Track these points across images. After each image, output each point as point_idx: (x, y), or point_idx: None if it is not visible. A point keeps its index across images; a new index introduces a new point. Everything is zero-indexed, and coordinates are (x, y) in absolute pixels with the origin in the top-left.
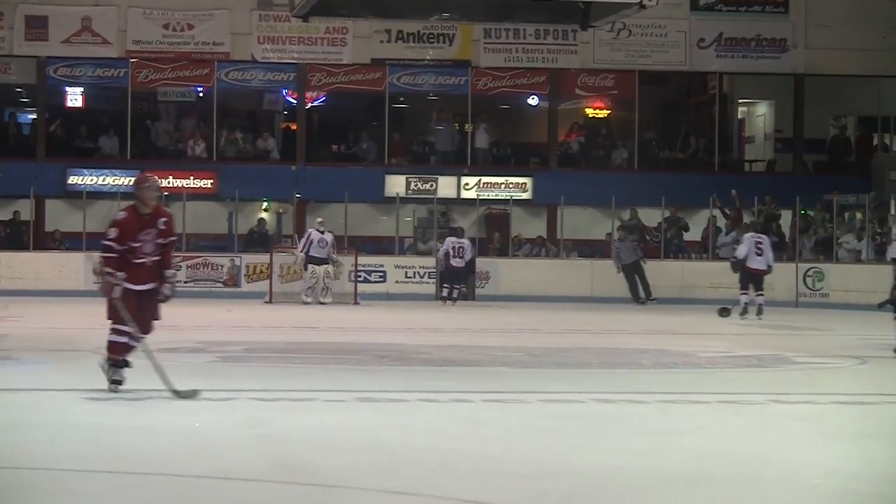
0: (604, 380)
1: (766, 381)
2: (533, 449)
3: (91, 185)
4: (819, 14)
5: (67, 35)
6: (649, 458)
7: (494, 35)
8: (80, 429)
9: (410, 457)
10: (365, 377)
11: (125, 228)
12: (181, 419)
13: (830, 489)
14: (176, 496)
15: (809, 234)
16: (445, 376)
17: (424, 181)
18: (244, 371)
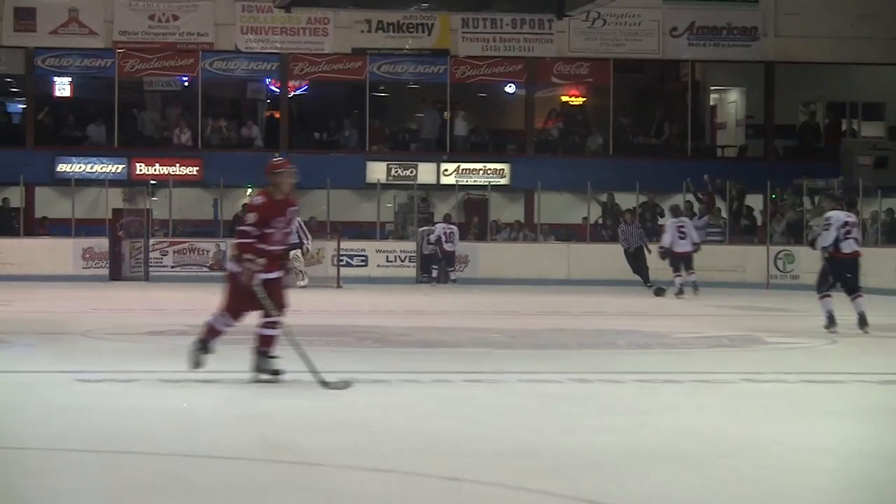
0: (580, 360)
1: (737, 360)
2: (511, 427)
3: (79, 173)
4: (788, 3)
5: (55, 26)
6: (625, 436)
7: (472, 25)
8: (70, 410)
9: (391, 436)
10: (347, 358)
11: (263, 214)
12: (168, 401)
13: (799, 464)
14: (163, 474)
15: (779, 217)
16: (426, 357)
17: (405, 168)
18: (230, 353)
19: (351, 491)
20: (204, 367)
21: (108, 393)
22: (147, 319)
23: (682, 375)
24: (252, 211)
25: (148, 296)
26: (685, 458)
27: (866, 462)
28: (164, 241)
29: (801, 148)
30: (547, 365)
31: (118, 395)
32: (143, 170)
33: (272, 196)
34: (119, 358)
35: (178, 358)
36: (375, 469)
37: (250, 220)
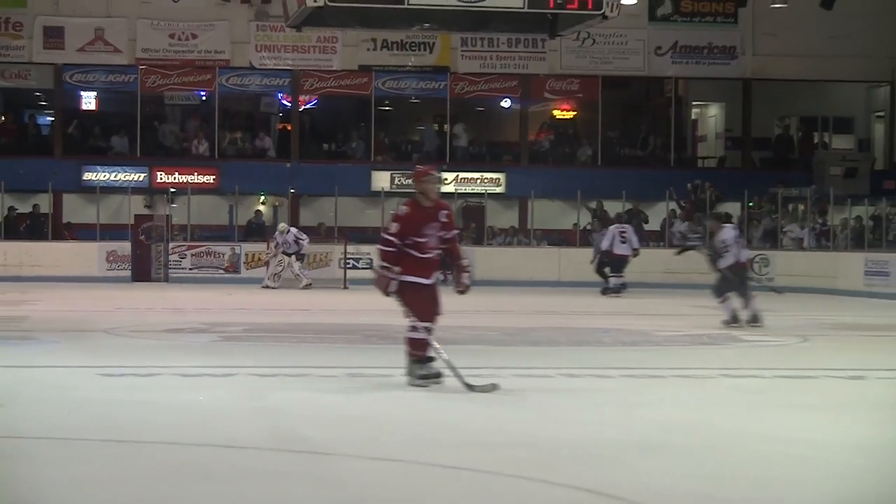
0: (571, 356)
1: (716, 357)
2: (507, 420)
3: (104, 181)
4: (765, 24)
5: (82, 44)
6: (614, 428)
7: (471, 43)
8: (93, 403)
9: (394, 427)
10: (354, 355)
11: (406, 223)
12: (186, 394)
13: (774, 454)
14: (180, 463)
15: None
16: None
17: (407, 177)
18: (243, 349)
19: (356, 479)
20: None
21: (129, 387)
22: (166, 318)
23: (666, 371)
24: (395, 221)
25: (167, 296)
26: (673, 450)
27: (840, 452)
28: (182, 245)
29: (776, 159)
30: (540, 361)
31: (138, 388)
32: (164, 178)
33: (420, 204)
34: (139, 354)
35: (195, 354)
36: (379, 458)
37: (392, 230)
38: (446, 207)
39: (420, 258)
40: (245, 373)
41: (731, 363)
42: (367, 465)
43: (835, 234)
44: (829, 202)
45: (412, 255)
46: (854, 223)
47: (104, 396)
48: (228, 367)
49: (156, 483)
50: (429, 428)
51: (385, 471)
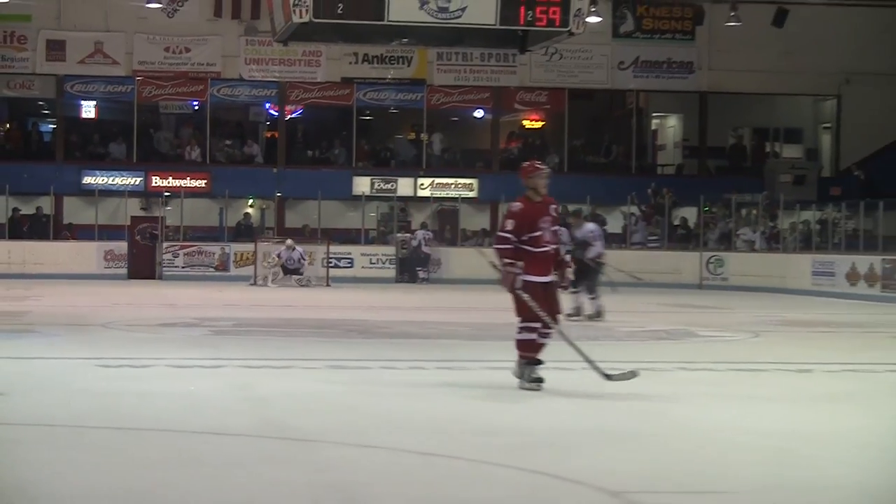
0: None
1: (674, 351)
2: (477, 409)
3: (102, 185)
4: (721, 40)
5: (82, 56)
6: (577, 417)
7: (446, 58)
8: (92, 392)
9: (373, 416)
10: (335, 348)
11: (521, 219)
12: (178, 384)
13: (725, 441)
14: (172, 449)
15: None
16: (403, 347)
17: (386, 182)
18: (233, 343)
19: (338, 464)
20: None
21: (126, 377)
22: (160, 313)
23: (626, 364)
24: (510, 217)
25: (161, 292)
26: (631, 437)
27: (789, 440)
28: (175, 245)
29: (730, 167)
30: (508, 355)
31: (134, 379)
32: (158, 182)
33: (531, 199)
34: (135, 347)
35: (187, 347)
36: (359, 445)
37: (508, 227)
38: (554, 202)
39: (536, 253)
40: (234, 365)
41: (687, 357)
42: (348, 451)
43: (784, 237)
44: (779, 207)
45: (528, 252)
46: (802, 227)
47: (102, 386)
48: (218, 359)
49: (150, 468)
50: (406, 417)
51: (365, 457)
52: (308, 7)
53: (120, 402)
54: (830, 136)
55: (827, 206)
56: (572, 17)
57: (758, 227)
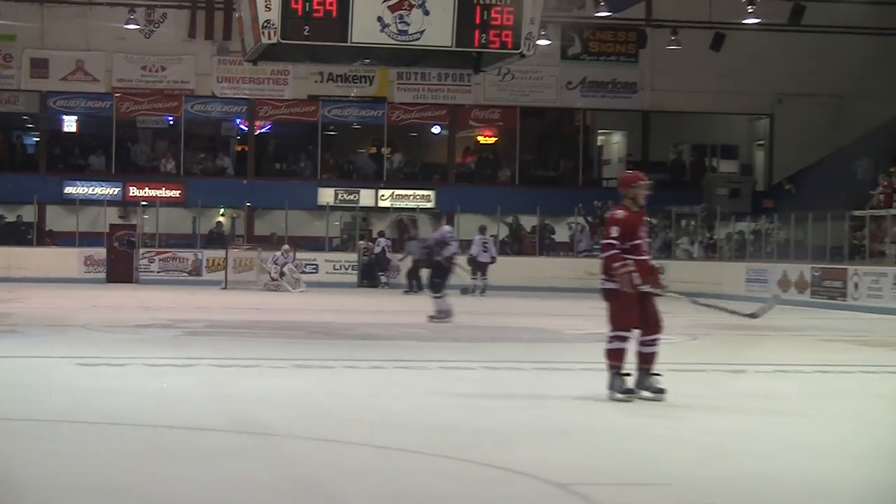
0: (490, 351)
1: None
2: (433, 406)
3: (83, 195)
4: (662, 63)
5: (65, 74)
6: (526, 414)
7: (406, 77)
8: (71, 389)
9: (335, 412)
10: (301, 348)
11: (626, 226)
12: (153, 382)
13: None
14: (147, 442)
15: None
16: (364, 348)
17: (349, 193)
18: (204, 343)
19: (300, 456)
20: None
21: (104, 375)
22: (136, 315)
23: (572, 364)
24: (616, 224)
25: (137, 296)
26: (575, 433)
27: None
28: (151, 251)
29: (671, 181)
30: (463, 355)
31: (112, 376)
32: (135, 192)
33: (630, 209)
34: (113, 346)
35: (161, 347)
36: (321, 439)
37: (614, 234)
38: (646, 214)
39: (636, 261)
40: (205, 363)
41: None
42: (311, 445)
43: (720, 247)
44: (716, 218)
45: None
46: (737, 237)
47: (81, 383)
48: (191, 358)
49: (125, 460)
50: (363, 411)
51: (325, 450)
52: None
53: (98, 398)
54: (764, 153)
55: (760, 217)
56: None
57: (696, 237)
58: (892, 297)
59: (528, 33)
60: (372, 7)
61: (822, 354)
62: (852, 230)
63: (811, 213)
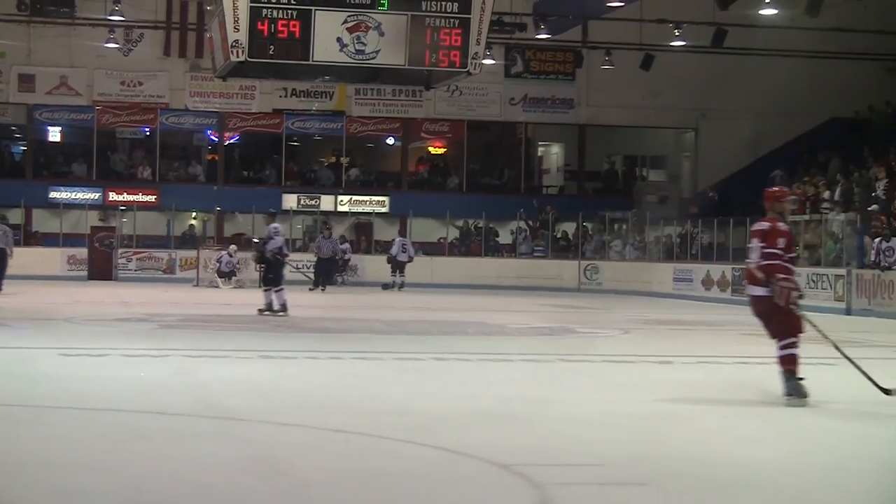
0: (439, 343)
1: (556, 345)
2: (386, 393)
3: (66, 199)
4: (597, 81)
5: (50, 88)
6: (472, 401)
7: (363, 93)
8: (54, 377)
9: (298, 399)
10: (265, 340)
11: (789, 238)
12: (129, 371)
13: (598, 421)
14: (123, 425)
15: (588, 239)
16: (324, 340)
17: (311, 198)
18: (177, 335)
19: (265, 440)
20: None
21: (84, 364)
22: (115, 310)
23: (515, 356)
24: (780, 236)
25: (116, 292)
26: (519, 419)
27: (651, 421)
28: (129, 251)
29: (604, 188)
30: (414, 347)
31: (92, 366)
32: (115, 197)
33: (778, 222)
34: (93, 338)
35: (138, 338)
36: (284, 424)
37: (780, 245)
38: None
39: (792, 271)
40: (178, 354)
41: (567, 350)
42: (274, 429)
43: (650, 249)
44: (645, 223)
45: (788, 270)
46: (665, 240)
47: (63, 372)
48: (165, 349)
49: (105, 442)
50: (323, 398)
51: (288, 434)
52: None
53: (79, 385)
54: (689, 163)
55: (686, 222)
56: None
57: (628, 239)
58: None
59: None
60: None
61: (742, 347)
62: None
63: (732, 219)
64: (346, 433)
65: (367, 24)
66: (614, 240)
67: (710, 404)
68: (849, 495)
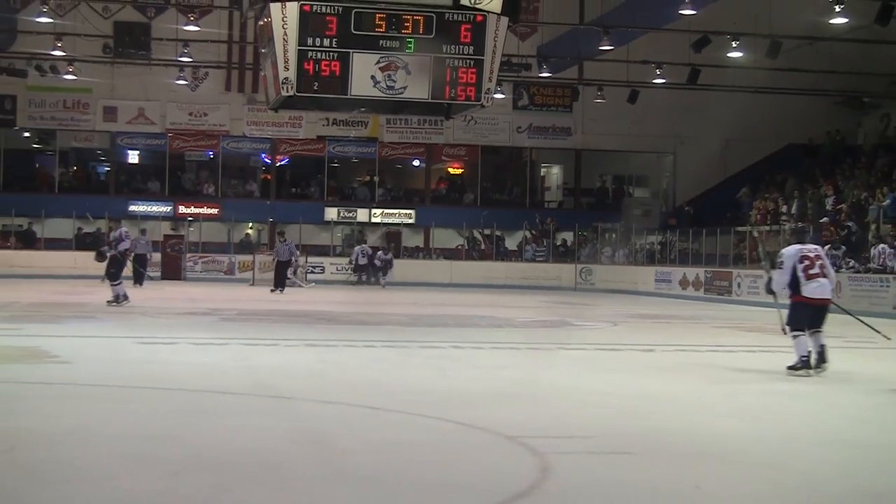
0: (456, 334)
1: (555, 335)
2: (411, 376)
3: (143, 212)
4: (590, 112)
5: (129, 118)
6: (483, 382)
7: (392, 122)
8: (132, 362)
9: (336, 380)
10: (310, 331)
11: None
12: (195, 356)
13: (590, 400)
14: (189, 402)
15: (583, 246)
16: (359, 331)
17: (348, 211)
18: (235, 326)
19: (308, 415)
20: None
21: (158, 351)
22: (183, 305)
23: (521, 344)
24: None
25: (184, 290)
26: (522, 397)
27: (634, 399)
28: (195, 255)
29: (597, 203)
30: (435, 336)
31: (164, 352)
32: (183, 210)
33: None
34: (165, 329)
35: (202, 329)
36: (324, 401)
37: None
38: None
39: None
40: (236, 342)
41: (564, 339)
42: (316, 405)
43: (636, 254)
44: (632, 232)
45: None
46: (648, 247)
47: (139, 357)
48: (225, 338)
49: (173, 416)
50: (359, 380)
51: (327, 409)
52: (293, 84)
53: (152, 368)
54: (668, 182)
55: (666, 232)
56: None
57: (616, 246)
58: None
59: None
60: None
61: (713, 338)
62: (735, 242)
63: (704, 229)
64: (376, 409)
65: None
66: (605, 247)
67: (687, 385)
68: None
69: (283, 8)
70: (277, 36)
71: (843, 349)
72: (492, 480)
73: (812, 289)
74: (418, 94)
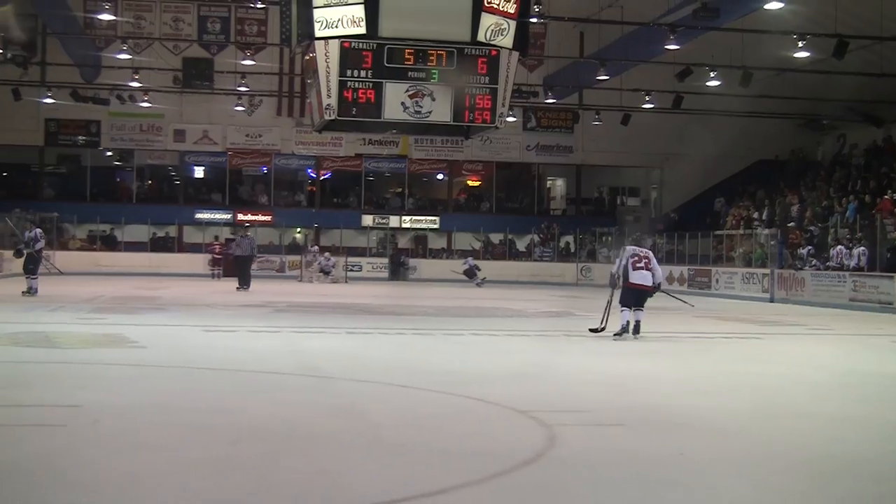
0: (475, 322)
1: (561, 323)
2: (436, 359)
3: (207, 219)
4: (589, 132)
5: (195, 139)
6: (498, 364)
7: (420, 141)
8: (198, 346)
9: (372, 363)
10: (350, 320)
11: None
12: (251, 342)
13: (588, 379)
14: (244, 382)
15: (583, 248)
16: (391, 320)
17: (382, 218)
18: (286, 317)
19: (347, 392)
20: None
21: (220, 337)
22: (241, 298)
23: (531, 332)
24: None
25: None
26: (531, 377)
27: (625, 378)
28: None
29: (595, 211)
30: (457, 325)
31: (225, 338)
32: (242, 217)
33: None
34: (226, 318)
35: (257, 319)
36: (361, 380)
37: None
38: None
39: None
40: (286, 330)
41: (570, 328)
42: (354, 384)
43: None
44: (625, 236)
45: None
46: None
47: (205, 342)
48: (276, 326)
49: (228, 393)
50: (391, 363)
51: (364, 388)
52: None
53: (216, 352)
54: (657, 193)
55: (654, 235)
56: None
57: (612, 248)
58: (741, 288)
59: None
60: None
61: (695, 326)
62: (714, 244)
63: (687, 233)
64: (406, 387)
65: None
66: (602, 248)
67: (671, 366)
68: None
69: (325, 45)
70: (321, 69)
71: (806, 336)
72: (507, 448)
73: (636, 276)
74: (442, 117)
